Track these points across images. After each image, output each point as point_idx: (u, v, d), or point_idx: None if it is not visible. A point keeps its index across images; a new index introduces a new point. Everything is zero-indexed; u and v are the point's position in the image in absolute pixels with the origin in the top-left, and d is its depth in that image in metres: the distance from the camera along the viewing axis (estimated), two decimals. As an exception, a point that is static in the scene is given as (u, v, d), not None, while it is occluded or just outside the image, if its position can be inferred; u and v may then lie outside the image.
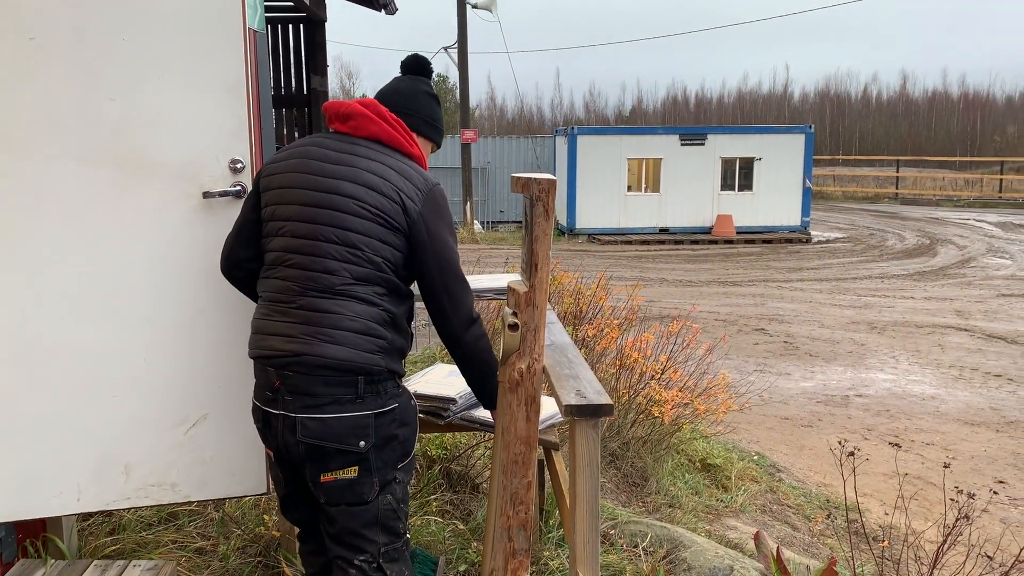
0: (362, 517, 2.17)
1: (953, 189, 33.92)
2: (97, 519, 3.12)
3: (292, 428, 2.10)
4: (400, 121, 2.28)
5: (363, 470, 2.13)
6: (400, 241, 2.15)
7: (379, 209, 2.12)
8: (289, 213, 2.17)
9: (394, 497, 2.20)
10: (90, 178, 2.48)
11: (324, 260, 2.11)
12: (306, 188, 2.17)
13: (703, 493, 5.06)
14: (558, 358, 2.56)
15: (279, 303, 2.16)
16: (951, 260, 17.33)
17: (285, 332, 2.12)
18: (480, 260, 10.33)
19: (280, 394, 2.12)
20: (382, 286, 2.15)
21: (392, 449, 2.18)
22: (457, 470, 4.00)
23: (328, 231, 2.12)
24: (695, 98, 65.47)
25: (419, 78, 2.44)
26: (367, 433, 2.12)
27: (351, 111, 2.25)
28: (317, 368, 2.07)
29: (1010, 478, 6.12)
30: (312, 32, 8.06)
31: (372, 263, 2.13)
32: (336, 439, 2.09)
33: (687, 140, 22.11)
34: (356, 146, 2.22)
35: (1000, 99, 57.76)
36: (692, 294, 13.51)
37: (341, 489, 2.14)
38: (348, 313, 2.10)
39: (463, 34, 23.05)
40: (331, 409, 2.09)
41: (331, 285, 2.11)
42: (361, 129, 2.24)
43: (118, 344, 2.54)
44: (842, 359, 9.41)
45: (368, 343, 2.11)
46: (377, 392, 2.13)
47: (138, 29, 2.45)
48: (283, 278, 2.16)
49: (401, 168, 2.21)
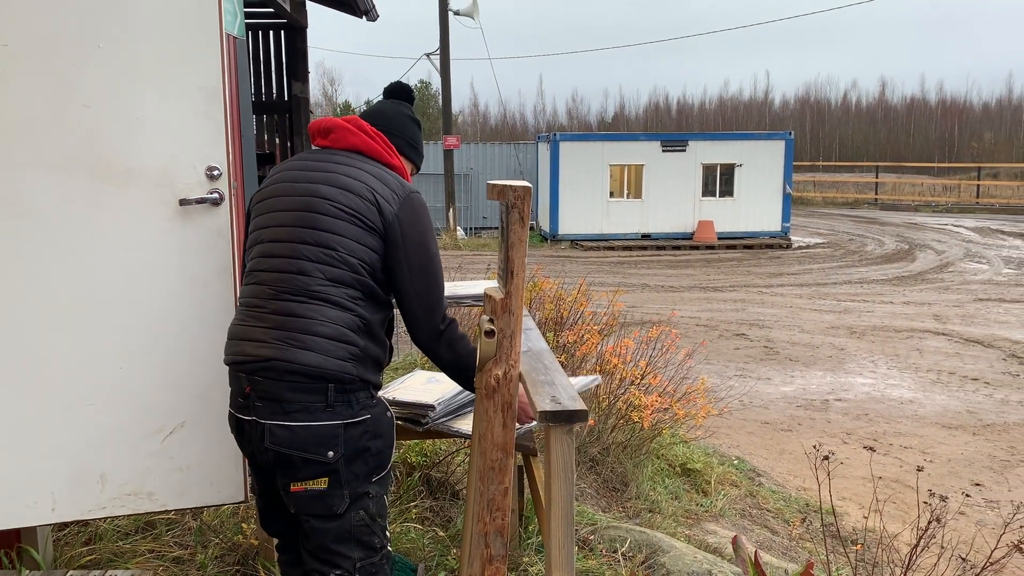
0: (334, 532, 2.13)
1: (931, 195, 34.27)
2: (73, 529, 3.09)
3: (261, 435, 2.09)
4: (381, 135, 2.32)
5: (333, 482, 2.10)
6: (376, 242, 2.15)
7: (353, 209, 2.14)
8: (268, 222, 2.20)
9: (367, 512, 2.17)
10: (65, 185, 2.47)
11: (299, 261, 2.11)
12: (285, 196, 2.21)
13: (683, 498, 5.08)
14: (534, 364, 2.57)
15: (253, 308, 2.16)
16: (929, 265, 17.50)
17: (257, 337, 2.10)
18: (462, 266, 10.34)
19: (251, 400, 2.10)
20: (357, 289, 2.13)
21: (364, 462, 2.13)
22: (437, 477, 4.00)
23: (303, 232, 2.14)
24: (677, 105, 65.94)
25: (402, 102, 2.48)
26: (336, 444, 2.08)
27: (332, 125, 2.30)
28: (287, 374, 2.05)
29: (986, 480, 6.19)
30: (293, 38, 8.05)
31: (347, 264, 2.12)
32: (303, 448, 2.06)
33: (669, 146, 22.21)
34: (335, 155, 2.26)
35: (977, 106, 58.55)
36: (673, 300, 13.57)
37: (311, 500, 2.11)
38: (320, 318, 2.08)
39: (445, 40, 23.08)
40: (300, 417, 2.06)
41: (304, 286, 2.10)
42: (341, 141, 2.28)
43: (93, 352, 2.52)
44: (822, 363, 9.48)
45: (340, 349, 2.08)
46: (348, 402, 2.09)
47: (113, 36, 2.44)
48: (259, 282, 2.17)
49: (378, 173, 2.23)
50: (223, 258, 2.60)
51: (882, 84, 74.71)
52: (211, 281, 2.59)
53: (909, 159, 45.54)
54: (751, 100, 64.54)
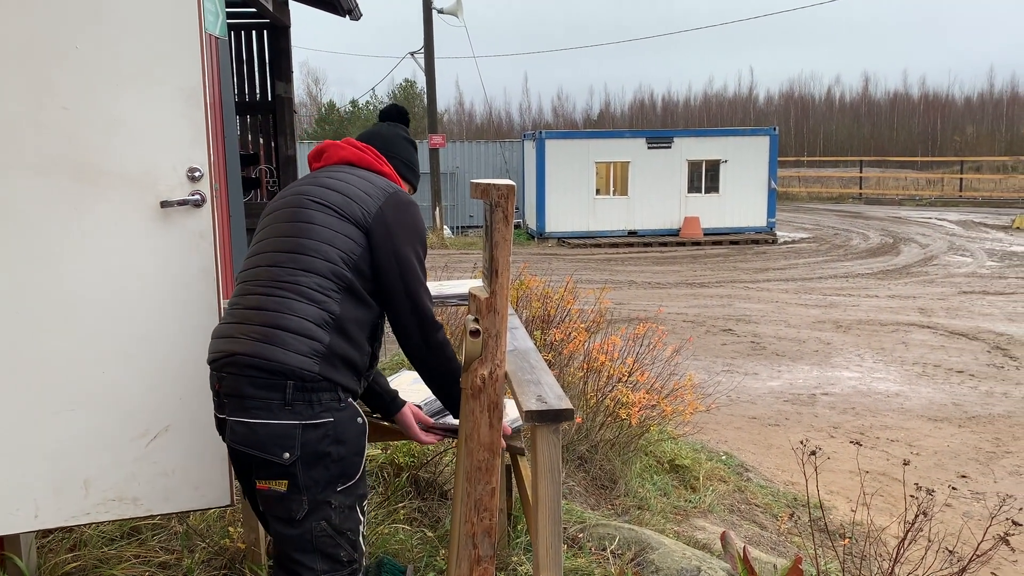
0: (295, 539, 2.05)
1: (915, 189, 34.49)
2: (57, 535, 3.06)
3: (226, 432, 2.10)
4: (370, 147, 2.37)
5: (291, 486, 2.02)
6: (356, 233, 2.12)
7: (332, 202, 2.17)
8: (261, 236, 2.27)
9: (330, 523, 2.06)
10: (45, 188, 2.44)
11: (273, 254, 2.15)
12: (278, 210, 2.27)
13: (671, 494, 5.09)
14: (520, 363, 2.56)
15: (232, 306, 2.20)
16: (914, 259, 17.61)
17: (228, 333, 2.11)
18: (448, 265, 10.32)
19: (221, 397, 2.10)
20: (332, 280, 2.07)
21: (324, 468, 2.03)
22: (425, 477, 3.99)
23: (281, 227, 2.19)
24: (662, 101, 66.00)
25: (398, 124, 2.51)
26: (292, 445, 1.99)
27: (324, 146, 2.39)
28: (247, 368, 2.00)
29: (972, 472, 6.23)
30: (276, 38, 8.01)
31: (320, 252, 2.09)
32: (259, 447, 2.00)
33: (654, 143, 22.26)
34: (326, 169, 2.34)
35: (959, 100, 58.87)
36: (660, 296, 13.59)
37: (273, 501, 2.06)
38: (285, 310, 2.03)
39: (429, 39, 23.04)
40: (259, 414, 2.00)
41: (275, 276, 2.09)
42: (332, 157, 2.35)
43: (76, 356, 2.50)
44: (808, 358, 9.52)
45: (301, 344, 2.01)
46: (309, 401, 2.00)
47: (90, 36, 2.42)
48: (239, 281, 2.23)
49: (365, 175, 2.26)
50: (205, 260, 2.57)
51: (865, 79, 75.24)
52: (193, 283, 2.57)
53: (893, 153, 45.79)
54: (736, 96, 64.75)
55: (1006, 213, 26.15)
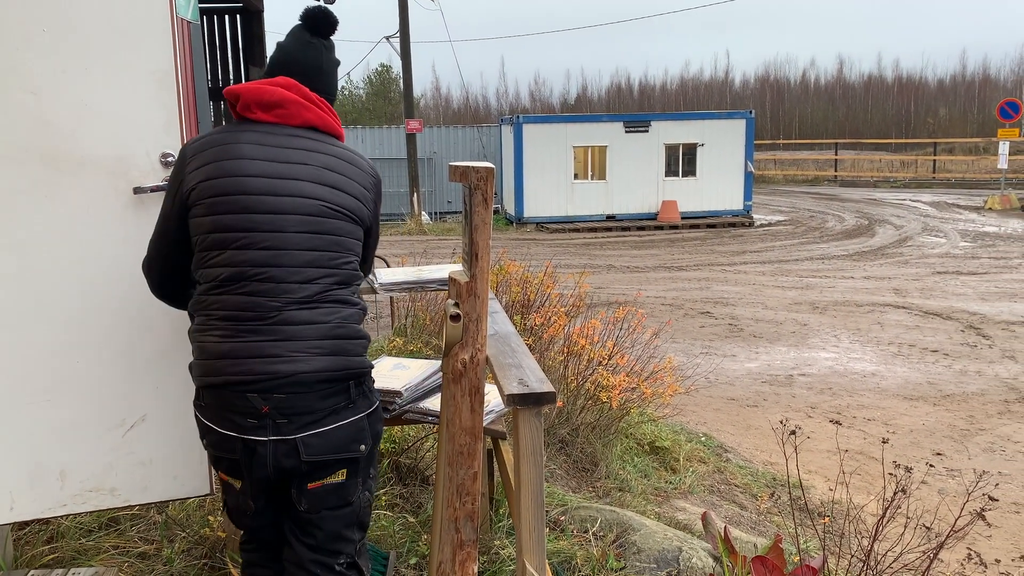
0: (346, 518, 2.13)
1: (890, 171, 34.78)
2: (34, 527, 3.02)
3: (292, 451, 1.97)
4: (324, 102, 2.16)
5: (351, 472, 2.09)
6: (361, 233, 2.16)
7: (347, 208, 2.08)
8: (244, 222, 1.98)
9: (370, 492, 2.19)
10: (14, 174, 2.39)
11: (302, 271, 2.00)
12: (260, 193, 1.98)
13: (652, 476, 5.12)
14: (501, 347, 2.55)
15: (248, 320, 1.97)
16: (889, 240, 17.78)
17: (268, 352, 1.95)
18: (427, 251, 10.29)
19: (270, 419, 1.95)
20: (356, 284, 2.15)
21: (375, 447, 2.16)
22: (406, 463, 3.98)
23: (301, 239, 1.99)
24: (639, 85, 66.01)
25: (331, 46, 2.22)
26: (365, 436, 2.08)
27: (280, 99, 2.05)
28: (316, 384, 1.97)
29: (947, 450, 6.32)
30: (249, 23, 7.90)
31: (349, 263, 2.10)
32: (338, 449, 2.03)
33: (631, 127, 22.27)
34: (295, 138, 2.05)
35: (932, 82, 59.32)
36: (639, 280, 13.63)
37: (327, 494, 2.07)
38: (335, 319, 2.03)
39: (405, 23, 22.85)
40: (329, 421, 2.01)
41: (315, 294, 2.01)
42: (293, 118, 2.06)
43: (49, 345, 2.46)
44: (785, 339, 9.59)
45: (355, 346, 2.08)
46: (364, 393, 2.09)
47: (58, 20, 2.37)
48: (251, 293, 1.97)
49: (350, 158, 2.15)
50: (181, 247, 2.54)
51: (840, 62, 75.74)
52: (169, 271, 2.53)
53: (867, 136, 46.13)
54: (712, 80, 64.88)
55: (978, 194, 26.46)
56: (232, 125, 2.10)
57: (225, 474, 2.12)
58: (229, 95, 2.09)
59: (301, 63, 2.14)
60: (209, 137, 2.07)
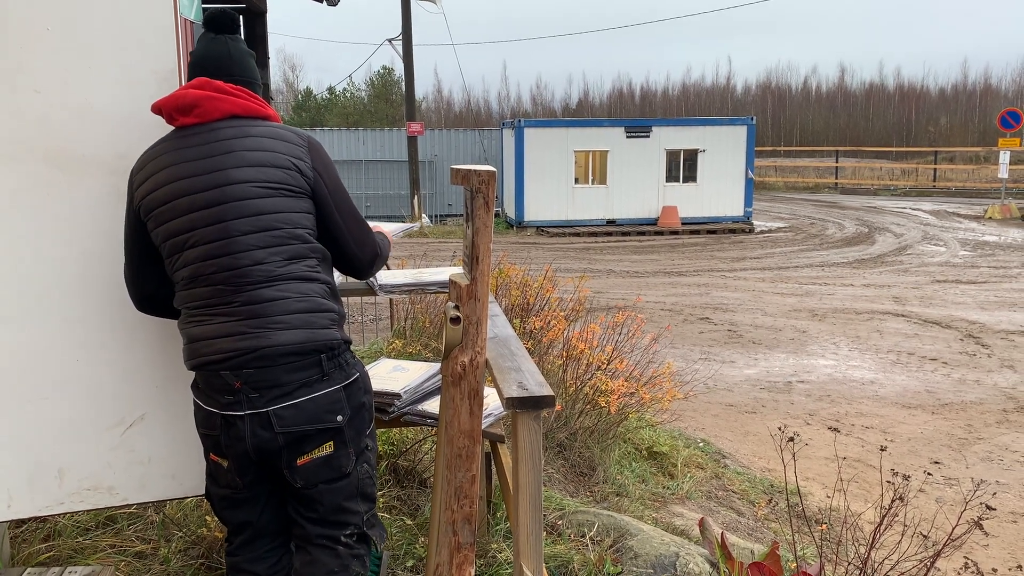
0: (345, 490, 2.19)
1: (890, 179, 34.81)
2: (31, 525, 3.02)
3: (266, 423, 2.07)
4: (243, 89, 2.20)
5: (338, 443, 2.15)
6: (307, 204, 2.15)
7: (279, 182, 2.10)
8: (188, 223, 2.09)
9: (369, 464, 2.25)
10: (17, 173, 2.39)
11: (250, 253, 2.07)
12: (194, 193, 2.08)
13: (650, 481, 5.12)
14: (501, 351, 2.55)
15: (215, 306, 2.10)
16: (888, 248, 17.79)
17: (233, 331, 2.06)
18: (427, 253, 10.28)
19: (243, 394, 2.07)
20: (313, 257, 2.16)
21: (362, 418, 2.22)
22: (404, 465, 3.98)
23: (240, 224, 2.07)
24: (640, 91, 66.10)
25: (237, 38, 2.27)
26: (342, 407, 2.14)
27: (193, 100, 2.12)
28: (279, 357, 2.05)
29: (945, 458, 6.32)
30: (252, 24, 7.90)
31: (296, 237, 2.12)
32: (313, 420, 2.10)
33: (633, 132, 22.28)
34: (218, 131, 2.12)
35: (933, 91, 59.44)
36: (639, 285, 13.64)
37: (319, 468, 2.15)
38: (293, 295, 2.09)
39: (407, 26, 22.88)
40: (303, 392, 2.09)
41: (267, 273, 2.08)
42: (212, 112, 2.13)
43: (49, 344, 2.46)
44: (784, 346, 9.59)
45: (321, 319, 2.12)
46: (339, 365, 2.15)
47: (63, 18, 2.37)
48: (211, 283, 2.09)
49: (274, 133, 2.16)
50: (182, 247, 2.54)
51: (841, 70, 75.67)
52: (170, 270, 2.53)
53: (868, 144, 46.19)
54: (713, 86, 64.95)
55: (979, 203, 26.47)
56: (165, 136, 2.21)
57: (214, 454, 2.21)
58: (154, 111, 2.20)
59: (212, 58, 2.22)
60: (146, 153, 2.21)
